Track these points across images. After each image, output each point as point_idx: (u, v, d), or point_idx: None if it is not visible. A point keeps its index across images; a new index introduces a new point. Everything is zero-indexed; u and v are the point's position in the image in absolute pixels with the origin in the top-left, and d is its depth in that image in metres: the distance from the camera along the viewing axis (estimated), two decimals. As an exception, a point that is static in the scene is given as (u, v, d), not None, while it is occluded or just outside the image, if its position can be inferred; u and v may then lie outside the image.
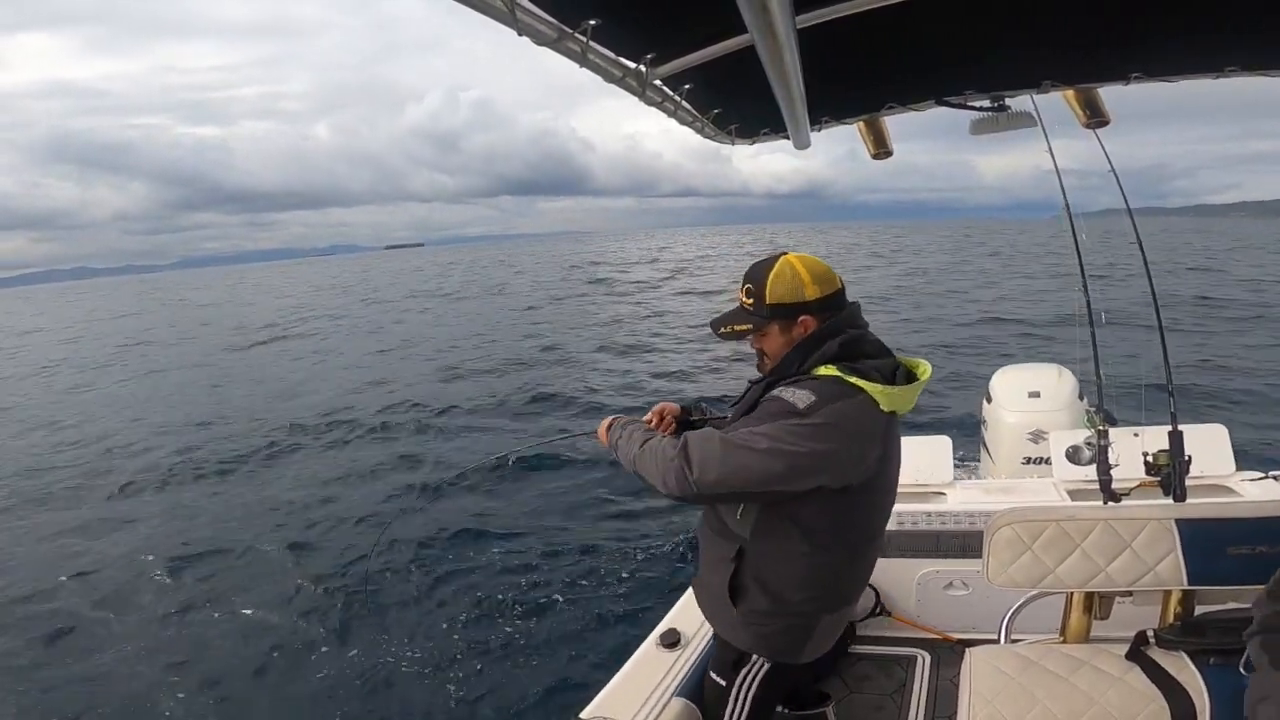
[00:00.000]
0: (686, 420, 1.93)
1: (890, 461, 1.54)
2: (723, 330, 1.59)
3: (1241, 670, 1.45)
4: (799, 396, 1.41)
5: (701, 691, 1.95)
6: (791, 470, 1.40)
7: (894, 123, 2.38)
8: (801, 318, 1.51)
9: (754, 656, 1.63)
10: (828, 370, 1.47)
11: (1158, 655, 1.58)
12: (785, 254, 1.55)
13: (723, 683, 1.69)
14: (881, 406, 1.45)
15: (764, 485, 1.41)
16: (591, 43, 1.32)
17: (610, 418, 1.77)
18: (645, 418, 1.88)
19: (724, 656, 1.70)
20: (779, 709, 1.98)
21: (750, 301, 1.54)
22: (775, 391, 1.47)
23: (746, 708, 1.66)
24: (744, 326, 1.55)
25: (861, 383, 1.44)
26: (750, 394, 1.57)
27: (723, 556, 1.59)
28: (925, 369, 1.55)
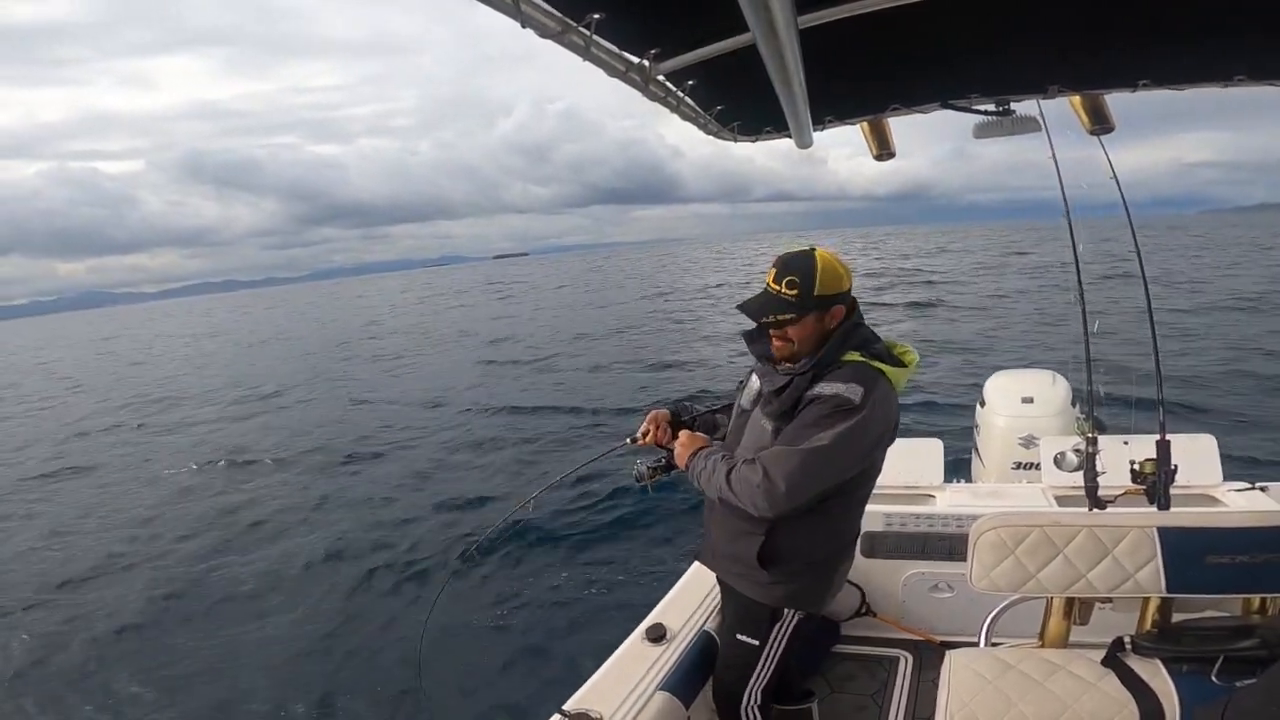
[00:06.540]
0: (679, 421, 1.98)
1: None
2: (765, 319, 1.66)
3: (1213, 679, 1.47)
4: (852, 390, 1.55)
5: (685, 687, 1.97)
6: (861, 459, 1.62)
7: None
8: (834, 307, 1.64)
9: (786, 611, 1.77)
10: (853, 357, 1.62)
11: (1133, 661, 1.60)
12: (814, 248, 1.66)
13: (755, 642, 1.80)
14: (895, 386, 1.64)
15: (840, 478, 1.62)
16: (595, 36, 1.32)
17: (694, 445, 1.79)
18: (641, 429, 1.97)
19: (756, 617, 1.80)
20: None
21: (794, 293, 1.62)
22: (822, 388, 1.58)
23: (777, 660, 1.81)
24: (787, 316, 1.64)
25: (882, 366, 1.61)
26: (793, 386, 1.65)
27: (748, 530, 1.70)
28: (912, 355, 1.71)
